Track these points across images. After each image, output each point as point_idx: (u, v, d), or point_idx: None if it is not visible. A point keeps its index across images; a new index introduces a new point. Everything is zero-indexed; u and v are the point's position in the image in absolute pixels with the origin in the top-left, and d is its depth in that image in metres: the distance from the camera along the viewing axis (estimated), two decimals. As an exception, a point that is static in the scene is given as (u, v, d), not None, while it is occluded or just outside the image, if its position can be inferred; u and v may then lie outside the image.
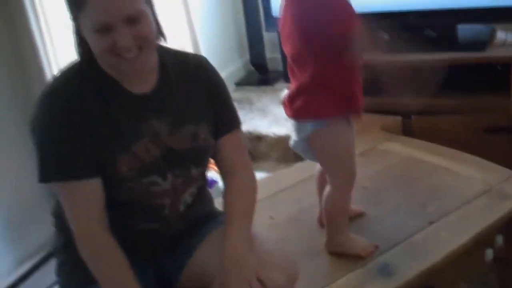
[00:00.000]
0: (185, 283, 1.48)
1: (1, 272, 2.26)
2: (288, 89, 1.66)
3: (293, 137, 1.66)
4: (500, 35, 2.30)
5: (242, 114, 3.19)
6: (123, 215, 1.37)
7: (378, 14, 2.30)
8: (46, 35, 2.22)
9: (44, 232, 2.38)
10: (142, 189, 1.36)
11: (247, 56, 3.59)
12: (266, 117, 3.07)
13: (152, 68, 1.38)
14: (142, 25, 1.26)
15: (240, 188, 1.47)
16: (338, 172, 1.62)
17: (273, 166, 2.87)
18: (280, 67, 3.38)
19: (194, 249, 1.48)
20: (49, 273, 2.35)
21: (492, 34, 2.30)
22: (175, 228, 1.46)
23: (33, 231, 2.33)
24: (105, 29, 1.22)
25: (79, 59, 1.35)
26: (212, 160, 1.53)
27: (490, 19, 2.24)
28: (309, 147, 1.62)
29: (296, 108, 1.60)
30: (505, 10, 2.16)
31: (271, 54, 3.47)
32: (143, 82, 1.37)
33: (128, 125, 1.34)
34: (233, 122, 1.50)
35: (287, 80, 3.40)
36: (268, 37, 3.40)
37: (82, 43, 1.29)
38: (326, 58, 1.53)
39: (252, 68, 3.57)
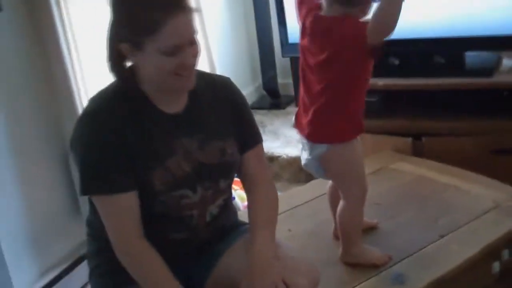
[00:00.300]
0: (212, 287, 1.57)
1: (25, 283, 2.34)
2: (298, 109, 1.76)
3: (305, 155, 1.75)
4: (506, 62, 2.41)
5: (255, 136, 3.32)
6: (155, 227, 1.45)
7: (390, 40, 2.42)
8: (75, 61, 2.33)
9: (66, 244, 2.48)
10: (174, 202, 1.45)
11: (259, 81, 3.70)
12: (279, 139, 3.17)
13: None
14: (196, 45, 1.38)
15: (264, 199, 1.57)
16: (351, 188, 1.71)
17: (285, 186, 2.95)
18: (291, 92, 3.49)
19: (220, 255, 1.56)
20: (72, 283, 2.45)
21: (499, 61, 2.41)
22: (202, 237, 1.55)
23: (57, 243, 2.42)
24: (175, 51, 1.32)
25: (118, 82, 1.44)
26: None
27: (497, 47, 2.36)
28: (322, 165, 1.71)
29: (314, 130, 1.69)
30: (510, 39, 2.27)
31: (283, 80, 3.59)
32: (175, 103, 1.47)
33: (162, 142, 1.43)
34: (256, 138, 1.61)
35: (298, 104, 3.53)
36: (280, 63, 3.52)
37: (123, 61, 1.40)
38: (348, 78, 1.63)
39: (264, 93, 3.69)
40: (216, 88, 1.55)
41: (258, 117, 3.52)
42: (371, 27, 1.56)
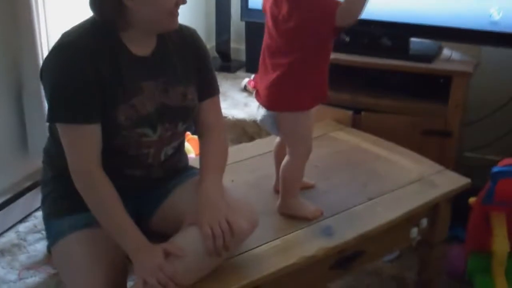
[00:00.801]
0: (158, 221, 1.69)
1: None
2: (252, 78, 1.85)
3: (261, 112, 1.86)
4: (446, 52, 2.60)
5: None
6: (113, 161, 1.56)
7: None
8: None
9: (12, 175, 2.53)
10: (134, 138, 1.56)
11: (213, 43, 3.79)
12: (226, 100, 3.25)
13: (152, 36, 1.59)
14: None
15: (215, 146, 1.70)
16: (298, 146, 1.84)
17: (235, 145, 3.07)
18: (242, 57, 3.61)
19: (169, 192, 1.70)
20: (13, 214, 2.51)
21: (439, 50, 2.59)
22: (155, 175, 1.67)
23: (1, 174, 2.47)
24: None
25: (93, 20, 1.52)
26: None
27: (439, 36, 2.54)
28: (276, 123, 1.84)
29: (274, 99, 1.79)
30: (452, 30, 2.44)
31: (236, 45, 3.69)
32: (145, 46, 1.58)
33: (130, 81, 1.53)
34: (215, 89, 1.73)
35: (249, 70, 3.63)
36: (235, 28, 3.62)
37: (118, 5, 1.47)
38: (313, 48, 1.72)
39: (216, 55, 3.78)
40: (183, 37, 1.66)
41: (208, 77, 3.63)
42: (341, 11, 1.64)
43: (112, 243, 1.52)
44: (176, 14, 1.53)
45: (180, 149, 1.74)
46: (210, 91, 1.72)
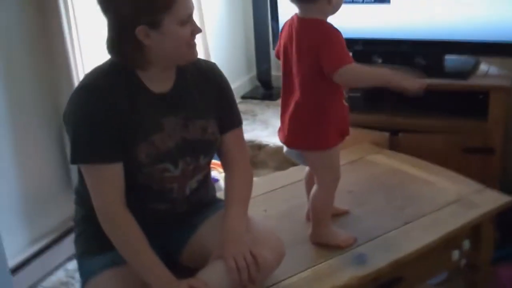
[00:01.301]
0: (187, 256, 1.70)
1: (16, 249, 2.46)
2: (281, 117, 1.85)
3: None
4: (483, 67, 2.53)
5: (245, 124, 3.39)
6: (137, 197, 1.58)
7: (375, 40, 2.54)
8: (75, 36, 2.44)
9: (57, 214, 2.60)
10: (156, 174, 1.57)
11: (254, 72, 3.83)
12: (268, 128, 3.28)
13: (171, 73, 1.62)
14: None
15: (240, 178, 1.70)
16: (325, 176, 1.82)
17: (271, 173, 3.07)
18: (284, 84, 3.62)
19: (196, 227, 1.70)
20: (61, 252, 2.57)
21: (476, 65, 2.52)
22: (180, 209, 1.68)
23: (48, 213, 2.54)
24: (188, 20, 1.49)
25: (113, 61, 1.56)
26: (215, 162, 1.76)
27: (475, 52, 2.47)
28: (301, 154, 1.83)
29: (294, 139, 1.79)
30: (488, 45, 2.38)
31: (276, 72, 3.71)
32: (163, 83, 1.60)
33: (149, 119, 1.56)
34: (236, 121, 1.74)
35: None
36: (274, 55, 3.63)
37: (137, 45, 1.50)
38: (325, 88, 1.71)
39: (258, 83, 3.82)
40: (202, 71, 1.68)
41: (251, 106, 3.65)
42: (345, 74, 1.64)
43: (140, 280, 1.53)
44: (193, 44, 1.55)
45: (205, 182, 1.74)
46: (232, 123, 1.72)
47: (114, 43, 1.53)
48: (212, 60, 3.24)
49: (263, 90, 3.78)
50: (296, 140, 1.79)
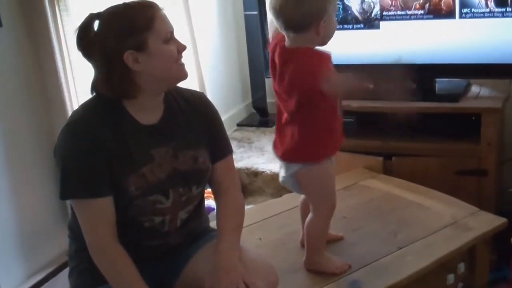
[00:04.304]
0: (180, 287, 1.69)
1: (12, 284, 2.45)
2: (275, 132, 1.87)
3: (282, 173, 1.86)
4: (475, 88, 2.54)
5: (241, 151, 3.45)
6: (129, 233, 1.57)
7: (366, 65, 2.56)
8: (70, 77, 2.46)
9: (54, 247, 2.60)
10: (147, 207, 1.57)
11: (249, 100, 3.85)
12: (264, 155, 3.28)
13: (159, 103, 1.63)
14: None
15: (231, 206, 1.70)
16: (320, 204, 1.83)
17: (266, 201, 3.07)
18: (279, 111, 3.64)
19: (189, 258, 1.69)
20: (57, 285, 2.56)
21: (467, 87, 2.53)
22: (173, 242, 1.67)
23: (45, 247, 2.54)
24: (170, 37, 1.52)
25: (98, 97, 1.56)
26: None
27: (466, 74, 2.49)
28: (297, 182, 1.83)
29: (286, 151, 1.80)
30: (479, 67, 2.39)
31: (271, 99, 3.73)
32: (152, 115, 1.60)
33: (138, 151, 1.56)
34: (226, 150, 1.74)
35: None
36: (269, 83, 3.65)
37: (126, 74, 1.50)
38: (313, 103, 1.72)
39: (254, 111, 3.83)
40: (191, 101, 1.69)
41: (246, 133, 3.66)
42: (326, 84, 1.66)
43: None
44: (181, 63, 1.56)
45: (197, 212, 1.74)
46: (222, 152, 1.73)
47: (102, 80, 1.54)
48: (208, 89, 3.28)
49: (259, 117, 3.80)
50: (291, 153, 1.79)
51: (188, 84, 3.14)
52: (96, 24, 1.51)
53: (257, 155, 3.32)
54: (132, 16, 1.49)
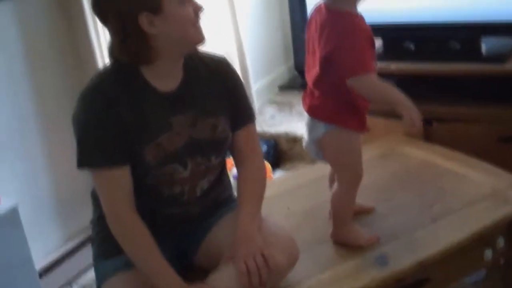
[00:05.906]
0: (202, 257, 1.67)
1: (50, 248, 2.50)
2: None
3: (306, 137, 1.78)
4: (524, 49, 2.38)
5: (281, 116, 3.37)
6: (147, 201, 1.55)
7: (406, 25, 2.42)
8: (102, 36, 2.46)
9: (89, 213, 2.62)
10: (165, 176, 1.54)
11: (291, 62, 3.75)
12: (304, 120, 3.21)
13: (178, 69, 1.57)
14: None
15: (252, 175, 1.65)
16: (345, 173, 1.74)
17: (307, 166, 3.00)
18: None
19: (210, 228, 1.67)
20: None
21: (516, 48, 2.38)
22: (193, 212, 1.64)
23: (80, 212, 2.56)
24: None
25: (115, 62, 1.52)
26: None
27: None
28: (320, 148, 1.75)
29: (314, 106, 1.71)
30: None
31: (315, 60, 3.62)
32: (170, 81, 1.55)
33: (155, 120, 1.51)
34: (248, 117, 1.68)
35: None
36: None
37: (142, 38, 1.45)
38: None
39: (296, 73, 3.73)
40: (211, 66, 1.62)
41: (287, 97, 3.58)
42: (358, 84, 1.59)
43: (150, 283, 1.50)
44: (199, 26, 1.49)
45: (218, 182, 1.69)
46: (244, 119, 1.66)
47: (119, 45, 1.49)
48: (247, 50, 3.20)
49: (302, 80, 3.69)
50: (320, 111, 1.71)
51: (225, 44, 3.11)
52: None
53: (297, 120, 3.24)
54: None
